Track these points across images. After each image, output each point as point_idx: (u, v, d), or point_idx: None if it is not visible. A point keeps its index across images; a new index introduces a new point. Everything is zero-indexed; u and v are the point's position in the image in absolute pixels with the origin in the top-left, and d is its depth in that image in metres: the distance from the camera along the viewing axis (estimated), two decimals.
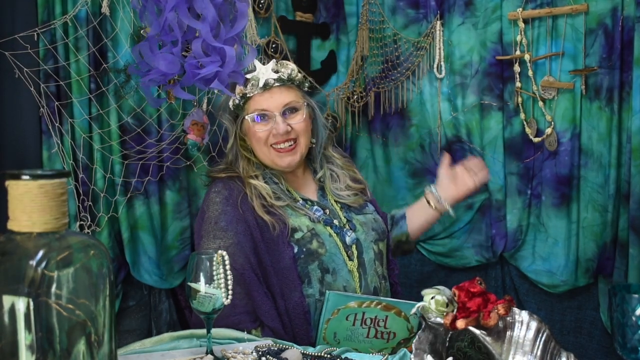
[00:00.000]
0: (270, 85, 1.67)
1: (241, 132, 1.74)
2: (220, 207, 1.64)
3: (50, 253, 0.82)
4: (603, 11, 2.00)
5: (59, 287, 0.82)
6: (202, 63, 1.48)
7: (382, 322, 1.56)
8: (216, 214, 1.63)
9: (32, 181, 0.84)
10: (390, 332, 1.56)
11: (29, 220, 0.84)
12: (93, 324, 0.86)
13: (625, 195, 1.97)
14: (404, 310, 1.57)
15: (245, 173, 1.69)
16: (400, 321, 1.57)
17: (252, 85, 1.67)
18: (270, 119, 1.68)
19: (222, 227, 1.61)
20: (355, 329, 1.57)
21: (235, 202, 1.64)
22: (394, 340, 1.56)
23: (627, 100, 1.96)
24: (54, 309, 0.82)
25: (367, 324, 1.57)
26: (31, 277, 0.80)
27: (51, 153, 1.82)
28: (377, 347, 1.56)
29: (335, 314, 1.58)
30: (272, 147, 1.69)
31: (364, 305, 1.57)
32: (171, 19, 1.45)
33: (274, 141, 1.68)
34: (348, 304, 1.58)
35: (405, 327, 1.57)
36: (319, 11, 2.43)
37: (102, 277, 0.88)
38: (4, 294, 0.81)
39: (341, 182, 1.81)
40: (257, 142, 1.70)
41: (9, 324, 0.80)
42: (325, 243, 1.66)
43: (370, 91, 2.45)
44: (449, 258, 2.38)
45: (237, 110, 1.72)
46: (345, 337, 1.58)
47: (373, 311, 1.57)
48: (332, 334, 1.58)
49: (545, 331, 1.03)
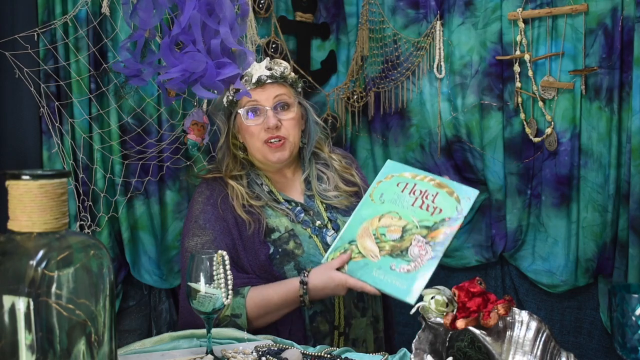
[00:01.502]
0: (262, 81, 1.69)
1: (234, 128, 1.75)
2: (201, 206, 1.69)
3: (50, 253, 0.82)
4: (603, 11, 2.00)
5: (59, 287, 0.82)
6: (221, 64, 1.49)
7: (432, 196, 1.56)
8: (197, 213, 1.68)
9: (32, 181, 0.84)
10: (437, 208, 1.54)
11: (29, 220, 0.84)
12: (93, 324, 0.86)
13: (625, 195, 1.97)
14: (457, 192, 1.55)
15: (227, 172, 1.72)
16: (451, 200, 1.55)
17: (246, 81, 1.69)
18: (262, 112, 1.70)
19: (200, 225, 1.66)
20: (403, 195, 1.58)
21: (215, 201, 1.68)
22: (439, 215, 1.53)
23: (626, 100, 1.96)
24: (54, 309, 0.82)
25: (416, 194, 1.57)
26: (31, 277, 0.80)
27: (51, 153, 1.83)
28: (419, 216, 1.54)
29: (388, 178, 1.62)
30: (265, 143, 1.70)
31: (418, 178, 1.59)
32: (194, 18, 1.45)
33: (267, 136, 1.69)
34: (403, 173, 1.62)
35: (454, 207, 1.53)
36: (319, 11, 2.44)
37: (102, 277, 0.88)
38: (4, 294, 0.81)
39: (330, 183, 1.81)
40: (251, 137, 1.72)
41: (9, 324, 0.80)
42: (303, 244, 1.68)
43: (370, 91, 2.45)
44: (449, 258, 2.38)
45: (230, 107, 1.74)
46: (391, 200, 1.59)
47: (425, 184, 1.58)
48: (380, 193, 1.61)
49: (545, 331, 1.03)
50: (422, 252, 1.49)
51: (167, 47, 1.52)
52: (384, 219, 1.57)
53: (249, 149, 1.75)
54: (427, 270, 1.46)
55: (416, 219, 1.54)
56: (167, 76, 1.52)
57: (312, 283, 1.56)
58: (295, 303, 1.59)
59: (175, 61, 1.50)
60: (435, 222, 1.53)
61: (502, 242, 2.27)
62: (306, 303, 1.57)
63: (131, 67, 1.50)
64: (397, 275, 1.47)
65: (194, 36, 1.48)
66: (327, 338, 1.66)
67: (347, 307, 1.68)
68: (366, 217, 1.60)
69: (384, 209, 1.58)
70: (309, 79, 2.35)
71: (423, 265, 1.46)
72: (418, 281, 1.46)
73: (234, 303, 1.58)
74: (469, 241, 2.35)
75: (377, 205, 1.61)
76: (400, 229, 1.53)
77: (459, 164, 2.33)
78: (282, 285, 1.60)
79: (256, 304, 1.58)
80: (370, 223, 1.58)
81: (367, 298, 1.73)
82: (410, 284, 1.45)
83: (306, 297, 1.56)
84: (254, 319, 1.59)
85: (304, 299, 1.57)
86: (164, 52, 1.54)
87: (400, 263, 1.48)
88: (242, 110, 1.70)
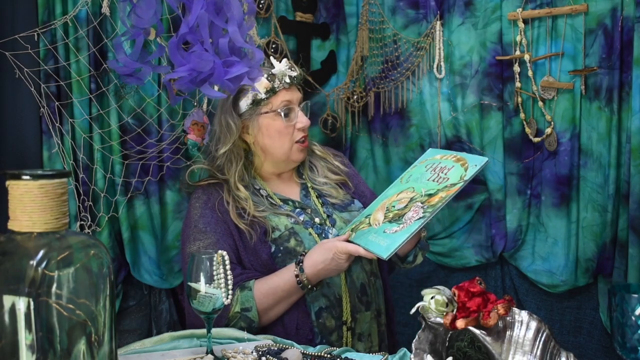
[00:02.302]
0: (292, 82, 1.74)
1: (251, 129, 1.74)
2: (199, 211, 1.69)
3: (50, 253, 0.83)
4: (603, 11, 2.00)
5: (60, 287, 0.82)
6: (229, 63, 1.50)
7: (447, 170, 1.63)
8: (195, 218, 1.69)
9: (32, 181, 0.84)
10: (446, 178, 1.61)
11: (30, 220, 0.84)
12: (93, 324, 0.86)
13: (624, 195, 1.97)
14: (468, 162, 1.61)
15: (233, 179, 1.72)
16: (460, 170, 1.61)
17: (280, 81, 1.71)
18: (292, 113, 1.73)
19: (200, 229, 1.66)
20: (426, 174, 1.67)
21: (213, 205, 1.69)
22: (444, 183, 1.59)
23: (626, 101, 1.96)
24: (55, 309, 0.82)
25: (436, 171, 1.65)
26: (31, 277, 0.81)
27: (51, 153, 1.83)
28: (429, 187, 1.61)
29: (422, 162, 1.72)
30: (296, 143, 1.74)
31: (444, 158, 1.68)
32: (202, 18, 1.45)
33: (300, 136, 1.74)
34: (435, 156, 1.72)
35: (459, 175, 1.59)
36: (319, 11, 2.44)
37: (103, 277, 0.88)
38: (5, 294, 0.81)
39: (319, 173, 1.86)
40: (280, 137, 1.73)
41: (10, 324, 0.81)
42: (304, 241, 1.68)
43: (370, 91, 2.45)
44: (449, 258, 2.38)
45: (254, 106, 1.73)
46: (415, 179, 1.68)
47: (447, 162, 1.66)
48: (409, 175, 1.70)
49: (545, 331, 1.03)
50: (414, 215, 1.54)
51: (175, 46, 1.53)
52: (401, 194, 1.65)
53: (269, 150, 1.75)
54: (410, 229, 1.51)
55: (424, 190, 1.61)
56: (175, 75, 1.52)
57: (309, 260, 1.59)
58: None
59: (182, 61, 1.50)
60: (438, 189, 1.58)
61: (502, 242, 2.27)
62: (304, 283, 1.58)
63: (128, 65, 1.51)
64: (385, 236, 1.54)
65: (202, 36, 1.48)
66: (334, 334, 1.66)
67: (351, 302, 1.68)
68: (389, 195, 1.69)
69: (405, 186, 1.67)
70: (309, 79, 2.35)
71: (409, 225, 1.51)
72: (398, 238, 1.51)
73: (242, 297, 1.58)
74: (469, 241, 2.35)
75: (401, 185, 1.70)
76: (408, 200, 1.61)
77: None
78: (286, 271, 1.61)
79: (264, 294, 1.59)
80: (389, 199, 1.67)
81: (371, 292, 1.73)
82: (390, 242, 1.51)
83: (302, 275, 1.57)
84: (263, 310, 1.60)
85: (300, 279, 1.58)
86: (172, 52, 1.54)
87: (393, 226, 1.54)
88: (280, 110, 1.71)
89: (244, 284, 1.60)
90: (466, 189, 2.31)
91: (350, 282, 1.69)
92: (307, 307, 1.64)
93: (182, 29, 1.50)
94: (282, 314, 1.63)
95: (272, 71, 1.71)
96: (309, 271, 1.58)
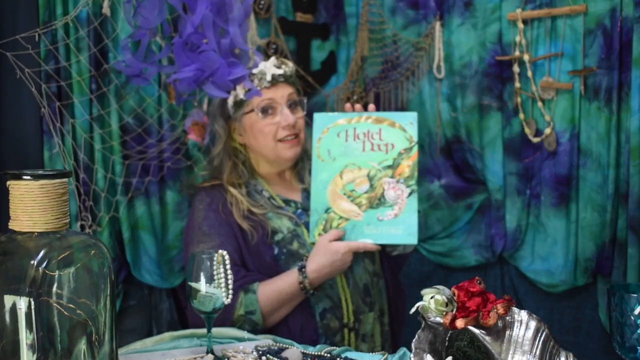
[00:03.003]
0: (276, 80, 1.69)
1: (239, 130, 1.74)
2: (203, 213, 1.69)
3: (51, 253, 0.83)
4: (602, 12, 2.00)
5: (60, 286, 0.83)
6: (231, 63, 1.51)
7: (377, 135, 1.54)
8: (199, 220, 1.68)
9: (33, 181, 0.85)
10: (387, 144, 1.53)
11: (30, 220, 0.85)
12: (94, 324, 0.86)
13: (624, 195, 1.97)
14: (398, 121, 1.53)
15: (228, 179, 1.71)
16: (396, 131, 1.54)
17: (260, 79, 1.68)
18: (276, 111, 1.70)
19: (204, 232, 1.66)
20: (349, 145, 1.56)
21: (217, 207, 1.68)
22: (393, 150, 1.52)
23: (625, 101, 1.96)
24: (55, 309, 0.82)
25: (361, 138, 1.55)
26: (32, 276, 0.81)
27: (52, 153, 1.83)
28: (377, 159, 1.53)
29: (325, 132, 1.60)
30: (280, 141, 1.71)
31: (354, 121, 1.56)
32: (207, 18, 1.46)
33: (284, 134, 1.70)
34: (337, 122, 1.59)
35: (403, 137, 1.53)
36: (319, 12, 2.44)
37: (103, 277, 0.88)
38: (6, 294, 0.81)
39: None
40: (264, 137, 1.71)
41: (11, 324, 0.81)
42: (307, 244, 1.68)
43: (370, 91, 2.45)
44: (449, 258, 2.39)
45: (236, 107, 1.72)
46: (341, 153, 1.57)
47: (364, 125, 1.55)
48: (326, 151, 1.59)
49: (544, 330, 1.03)
50: (398, 192, 1.50)
51: (181, 46, 1.53)
52: (345, 175, 1.55)
53: (256, 149, 1.74)
54: (412, 206, 1.47)
55: (375, 163, 1.53)
56: (181, 75, 1.52)
57: (313, 264, 1.57)
58: None
59: (187, 61, 1.51)
60: (393, 158, 1.52)
61: (501, 242, 2.28)
62: (307, 288, 1.58)
63: (133, 66, 1.51)
64: (388, 223, 1.49)
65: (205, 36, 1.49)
66: (338, 334, 1.66)
67: (354, 302, 1.69)
68: (327, 180, 1.58)
69: (339, 164, 1.55)
70: (309, 79, 2.35)
71: (406, 204, 1.47)
72: (410, 220, 1.47)
73: (247, 300, 1.58)
74: (469, 241, 2.35)
75: (330, 164, 1.58)
76: (366, 179, 1.52)
77: (458, 164, 2.34)
78: (290, 275, 1.60)
79: (268, 297, 1.59)
80: (335, 184, 1.56)
81: (374, 292, 1.73)
82: (405, 226, 1.47)
83: (306, 281, 1.57)
84: (268, 313, 1.59)
85: (304, 284, 1.57)
86: (177, 52, 1.54)
87: (385, 210, 1.49)
88: (256, 108, 1.69)
89: (247, 287, 1.60)
90: (466, 189, 2.33)
91: (354, 283, 1.69)
92: (311, 309, 1.65)
93: (188, 29, 1.50)
94: (286, 316, 1.64)
95: (253, 71, 1.69)
96: (313, 275, 1.57)
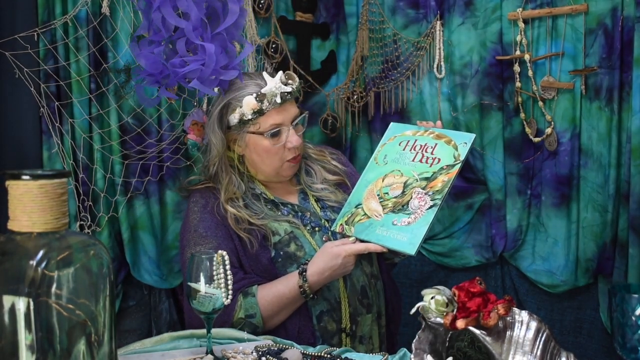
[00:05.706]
0: (285, 99, 1.65)
1: (239, 142, 1.70)
2: (198, 215, 1.67)
3: (50, 253, 0.83)
4: (603, 11, 2.00)
5: (59, 287, 0.82)
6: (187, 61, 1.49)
7: (431, 148, 1.61)
8: (195, 222, 1.66)
9: (32, 181, 0.84)
10: (435, 158, 1.58)
11: (29, 220, 0.84)
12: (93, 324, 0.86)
13: (625, 195, 1.97)
14: (454, 139, 1.60)
15: (225, 195, 1.67)
16: (449, 149, 1.59)
17: (269, 102, 1.63)
18: (282, 133, 1.67)
19: (201, 234, 1.64)
20: (404, 153, 1.64)
21: (212, 209, 1.66)
22: (437, 165, 1.57)
23: (626, 101, 1.96)
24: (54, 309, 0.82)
25: (416, 149, 1.62)
26: (31, 277, 0.81)
27: (51, 153, 1.83)
28: (419, 170, 1.58)
29: (391, 139, 1.69)
30: (286, 161, 1.69)
31: (419, 134, 1.65)
32: (156, 18, 1.46)
33: (290, 156, 1.69)
34: (404, 132, 1.68)
35: (451, 155, 1.58)
36: (319, 11, 2.43)
37: (102, 277, 0.88)
38: (4, 294, 0.81)
39: (317, 177, 1.81)
40: (269, 157, 1.68)
41: (9, 324, 0.81)
42: (305, 246, 1.67)
43: (370, 91, 2.45)
44: (449, 258, 2.38)
45: (241, 124, 1.67)
46: (393, 159, 1.65)
47: (424, 139, 1.63)
48: (384, 155, 1.67)
49: (545, 331, 1.03)
50: (422, 202, 1.52)
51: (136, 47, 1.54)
52: (387, 178, 1.62)
53: (257, 166, 1.72)
54: (426, 219, 1.48)
55: (416, 173, 1.58)
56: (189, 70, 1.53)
57: (314, 267, 1.57)
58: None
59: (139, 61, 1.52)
60: (434, 172, 1.56)
61: (502, 242, 2.27)
62: (307, 292, 1.57)
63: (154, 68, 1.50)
64: (399, 229, 1.50)
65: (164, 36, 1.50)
66: (335, 337, 1.66)
67: (352, 305, 1.68)
68: (371, 180, 1.65)
69: (387, 169, 1.63)
70: (309, 79, 2.35)
71: (423, 215, 1.48)
72: (418, 231, 1.48)
73: (246, 304, 1.57)
74: (469, 241, 2.35)
75: (380, 167, 1.66)
76: (402, 185, 1.58)
77: None
78: (290, 279, 1.60)
79: (268, 301, 1.58)
80: (375, 185, 1.63)
81: (371, 294, 1.73)
82: (411, 235, 1.47)
83: (305, 285, 1.57)
84: (268, 317, 1.59)
85: (303, 288, 1.57)
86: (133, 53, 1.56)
87: (402, 217, 1.52)
88: (266, 134, 1.65)
89: (246, 290, 1.59)
90: (466, 188, 2.32)
91: (351, 285, 1.68)
92: (308, 311, 1.64)
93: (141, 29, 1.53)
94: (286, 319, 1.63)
95: (262, 90, 1.63)
96: (313, 279, 1.56)
